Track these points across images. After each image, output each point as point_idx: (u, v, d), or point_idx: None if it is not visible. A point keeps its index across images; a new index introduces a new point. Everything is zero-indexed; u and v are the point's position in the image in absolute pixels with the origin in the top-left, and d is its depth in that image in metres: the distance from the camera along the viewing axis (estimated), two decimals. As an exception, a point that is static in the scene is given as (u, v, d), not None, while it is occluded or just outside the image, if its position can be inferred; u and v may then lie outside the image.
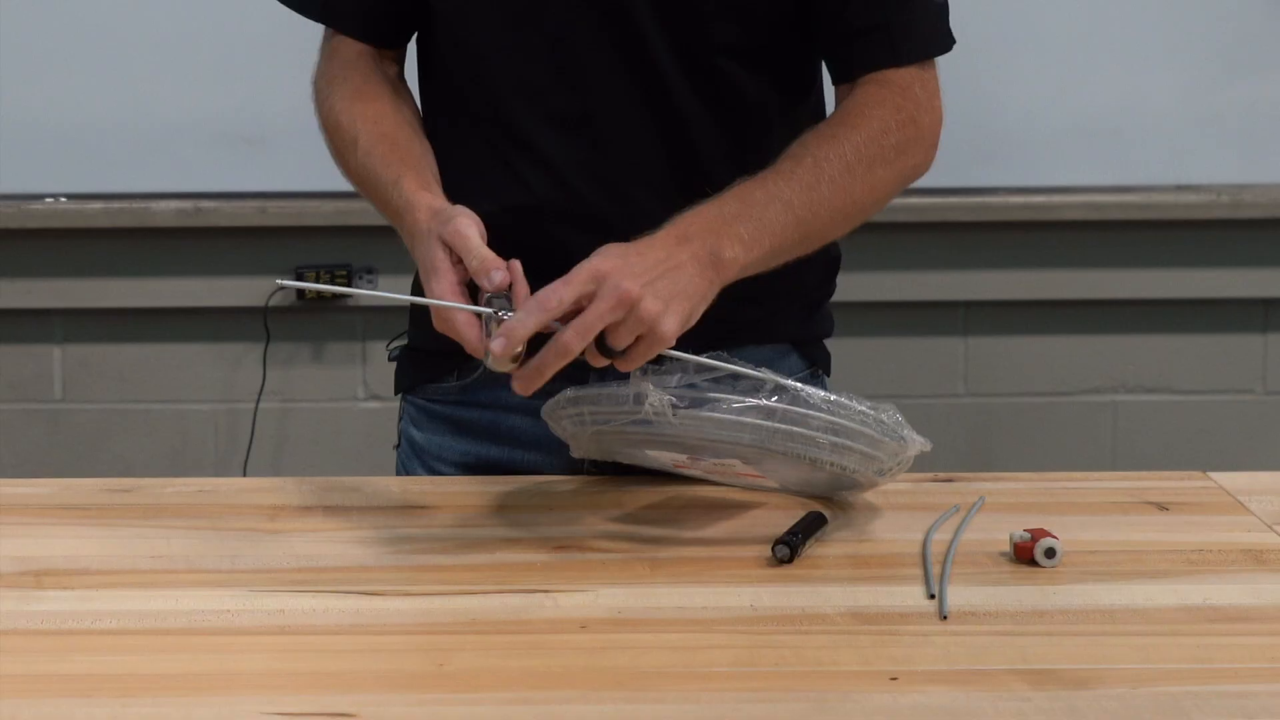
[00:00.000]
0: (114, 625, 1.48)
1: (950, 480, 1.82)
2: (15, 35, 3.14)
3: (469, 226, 1.64)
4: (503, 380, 1.62)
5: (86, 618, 1.49)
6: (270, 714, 1.33)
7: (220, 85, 3.17)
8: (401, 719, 1.33)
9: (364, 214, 3.20)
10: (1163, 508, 1.77)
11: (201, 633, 1.46)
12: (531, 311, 1.56)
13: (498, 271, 1.61)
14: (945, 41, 1.85)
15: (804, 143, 1.76)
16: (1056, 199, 3.26)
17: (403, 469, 1.98)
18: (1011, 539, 1.63)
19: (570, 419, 1.71)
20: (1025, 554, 1.61)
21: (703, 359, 1.65)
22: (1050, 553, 1.61)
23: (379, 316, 3.29)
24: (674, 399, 1.63)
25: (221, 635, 1.46)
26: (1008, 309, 3.36)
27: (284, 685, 1.37)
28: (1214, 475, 1.85)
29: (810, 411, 1.64)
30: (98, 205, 3.19)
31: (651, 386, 1.63)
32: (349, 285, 3.24)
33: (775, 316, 1.87)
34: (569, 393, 1.70)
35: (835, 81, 1.84)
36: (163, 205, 3.20)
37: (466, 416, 1.91)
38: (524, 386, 1.58)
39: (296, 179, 3.22)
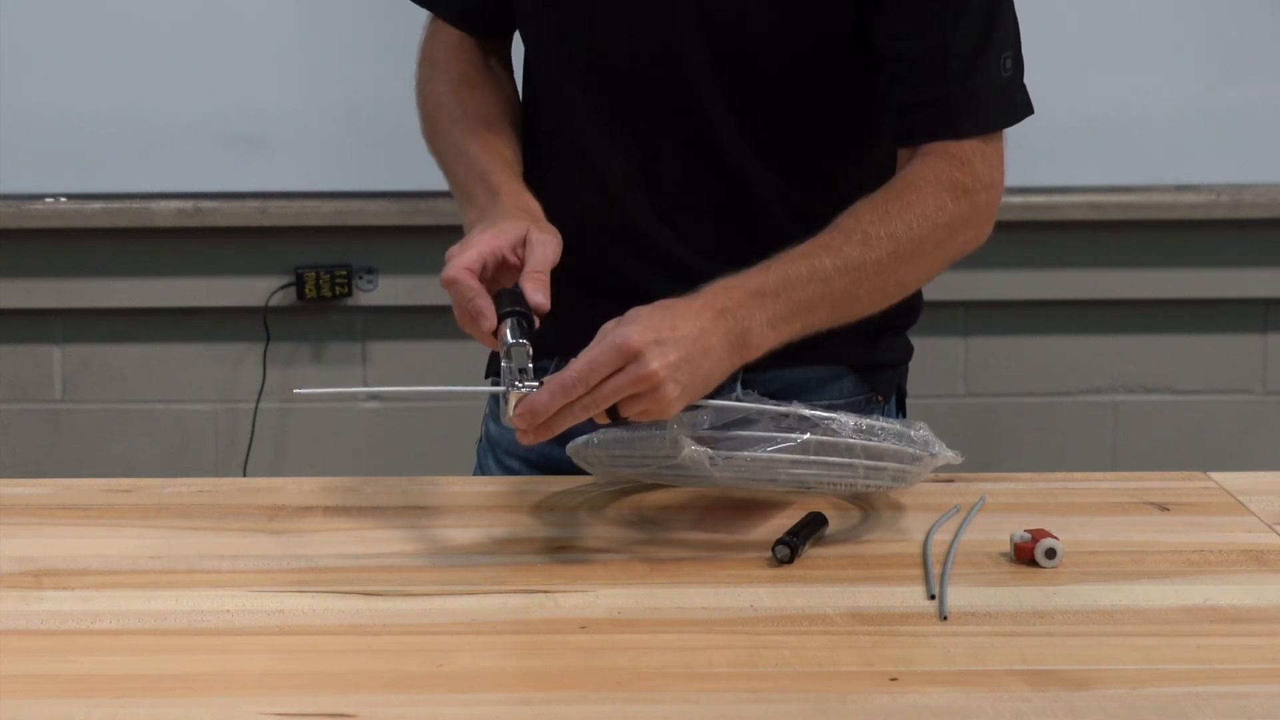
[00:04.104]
0: (114, 625, 1.48)
1: (950, 480, 1.82)
2: (15, 35, 3.14)
3: (555, 247, 1.71)
4: None
5: (86, 618, 1.49)
6: (270, 714, 1.33)
7: (220, 85, 3.17)
8: (401, 719, 1.33)
9: (364, 214, 3.22)
10: (1163, 508, 1.77)
11: (201, 633, 1.46)
12: (555, 394, 1.57)
13: (538, 292, 1.66)
14: (1012, 114, 1.82)
15: (856, 215, 1.75)
16: (1056, 199, 3.26)
17: (479, 462, 2.01)
18: (1012, 539, 1.63)
19: (600, 460, 1.72)
20: (1025, 554, 1.61)
21: (726, 402, 1.67)
22: (1050, 553, 1.61)
23: (379, 316, 3.29)
24: (709, 450, 1.64)
25: (221, 635, 1.46)
26: (1008, 309, 3.36)
27: (284, 685, 1.37)
28: (1214, 475, 1.85)
29: (842, 440, 1.64)
30: (98, 205, 3.19)
31: (687, 435, 1.65)
32: (350, 290, 3.25)
33: (829, 340, 1.81)
34: (597, 437, 1.71)
35: (895, 144, 1.83)
36: (163, 205, 3.19)
37: None
38: (531, 440, 1.60)
39: (296, 179, 3.22)
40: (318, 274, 3.25)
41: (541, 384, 1.58)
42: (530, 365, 1.60)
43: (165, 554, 1.63)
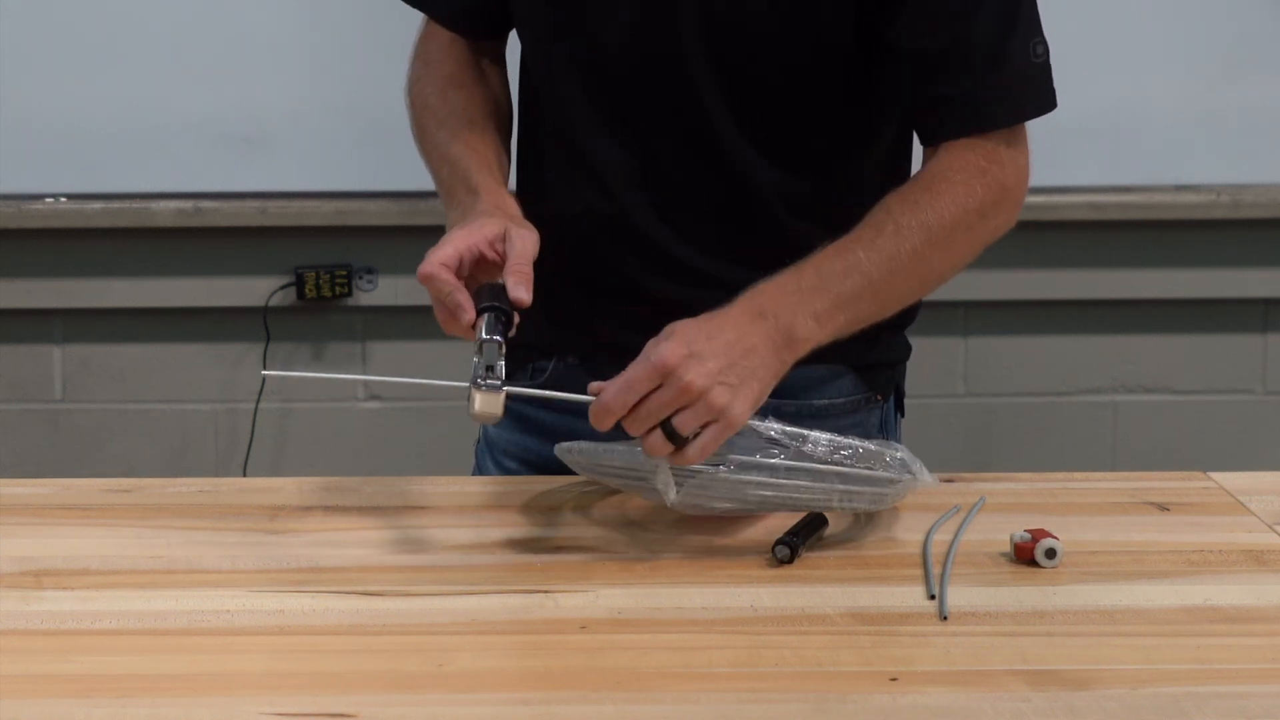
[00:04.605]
0: (114, 625, 1.48)
1: (950, 480, 1.82)
2: (15, 35, 3.14)
3: (533, 242, 1.69)
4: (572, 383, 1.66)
5: (86, 618, 1.49)
6: (270, 714, 1.33)
7: (220, 85, 3.17)
8: (401, 719, 1.33)
9: (364, 214, 3.21)
10: (1163, 508, 1.77)
11: (201, 633, 1.46)
12: (598, 416, 1.59)
13: (520, 286, 1.64)
14: (1039, 104, 1.82)
15: (887, 208, 1.75)
16: (1056, 199, 3.26)
17: (477, 463, 2.01)
18: (1012, 539, 1.63)
19: (583, 466, 1.72)
20: (1025, 554, 1.61)
21: None
22: (1050, 553, 1.61)
23: (379, 316, 3.29)
24: (677, 484, 1.63)
25: (221, 635, 1.46)
26: (1008, 309, 3.36)
27: (284, 685, 1.37)
28: (1214, 475, 1.85)
29: (815, 465, 1.63)
30: (98, 205, 3.19)
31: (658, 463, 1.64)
32: (350, 290, 3.25)
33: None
34: (581, 446, 1.71)
35: (922, 143, 1.83)
36: (163, 205, 3.19)
37: (534, 415, 1.92)
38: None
39: (296, 179, 3.22)
40: (318, 274, 3.25)
41: (503, 385, 1.58)
42: (501, 363, 1.60)
43: (165, 554, 1.63)
